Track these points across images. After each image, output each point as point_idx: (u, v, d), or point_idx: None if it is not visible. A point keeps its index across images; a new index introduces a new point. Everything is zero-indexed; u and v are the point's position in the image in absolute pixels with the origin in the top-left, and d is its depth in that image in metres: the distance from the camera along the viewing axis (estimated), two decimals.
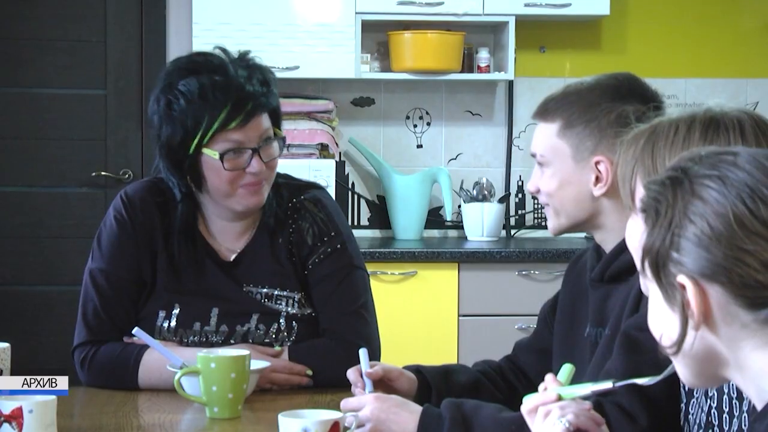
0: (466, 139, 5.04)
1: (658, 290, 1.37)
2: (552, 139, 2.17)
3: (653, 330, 1.40)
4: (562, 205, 2.18)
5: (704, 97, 4.93)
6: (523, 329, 4.34)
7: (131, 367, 2.42)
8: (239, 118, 2.36)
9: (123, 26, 4.89)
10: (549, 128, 2.18)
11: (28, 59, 4.85)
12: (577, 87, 2.21)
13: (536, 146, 2.21)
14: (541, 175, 2.20)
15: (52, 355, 4.72)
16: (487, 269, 4.43)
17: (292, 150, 4.55)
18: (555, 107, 2.18)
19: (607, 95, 2.17)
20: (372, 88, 4.98)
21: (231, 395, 2.18)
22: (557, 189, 2.17)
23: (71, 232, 4.84)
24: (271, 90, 2.43)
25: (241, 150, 2.38)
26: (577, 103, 2.17)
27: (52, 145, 4.86)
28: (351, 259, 2.53)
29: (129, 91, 4.91)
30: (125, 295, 2.50)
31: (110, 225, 2.52)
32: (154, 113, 2.44)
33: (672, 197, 1.35)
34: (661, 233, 1.35)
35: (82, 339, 2.52)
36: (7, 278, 4.86)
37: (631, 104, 2.16)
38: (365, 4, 4.61)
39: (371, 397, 2.00)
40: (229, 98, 2.35)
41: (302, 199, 2.53)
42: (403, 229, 4.83)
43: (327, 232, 2.51)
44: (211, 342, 2.47)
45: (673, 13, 5.07)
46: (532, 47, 5.01)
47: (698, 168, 1.35)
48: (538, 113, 2.21)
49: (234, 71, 2.39)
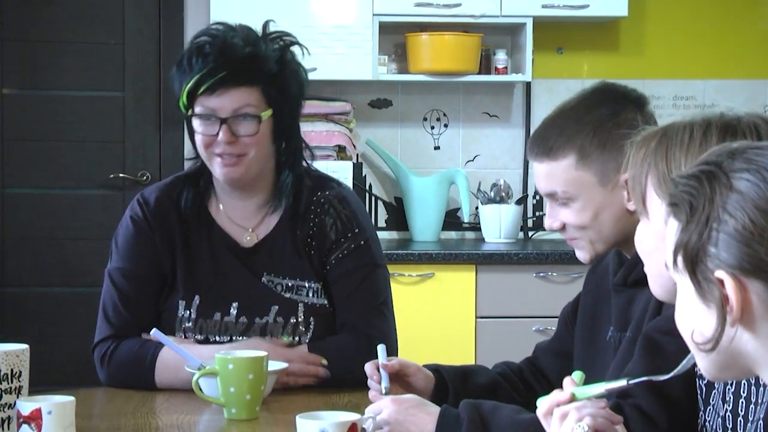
0: (483, 140, 5.04)
1: (691, 286, 1.35)
2: (571, 173, 2.12)
3: (682, 326, 1.39)
4: (601, 233, 2.13)
5: (723, 99, 4.92)
6: (540, 331, 4.34)
7: (147, 366, 2.43)
8: (207, 83, 2.38)
9: (141, 28, 4.90)
10: (562, 165, 2.12)
11: (46, 62, 4.87)
12: (569, 112, 2.16)
13: (553, 185, 2.14)
14: (565, 210, 2.15)
15: (71, 357, 4.74)
16: (504, 271, 4.42)
17: None
18: (559, 142, 2.13)
19: (603, 109, 2.14)
20: (389, 90, 4.98)
21: (249, 396, 2.18)
22: (592, 220, 2.12)
23: (89, 234, 4.86)
24: (260, 68, 2.42)
25: (210, 117, 2.41)
26: (583, 130, 2.12)
27: (71, 148, 4.88)
28: (373, 257, 2.55)
29: (147, 93, 4.92)
30: (144, 291, 2.51)
31: (126, 225, 2.55)
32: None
33: (709, 191, 1.33)
34: (697, 228, 1.33)
35: (102, 336, 2.54)
36: (26, 280, 4.88)
37: (628, 110, 2.14)
38: (383, 6, 4.61)
39: (389, 399, 1.99)
40: (207, 65, 2.38)
41: (327, 195, 2.54)
42: (420, 230, 4.83)
43: (351, 229, 2.52)
44: (231, 333, 2.49)
45: (691, 15, 5.05)
46: (550, 48, 5.00)
47: (733, 162, 1.33)
48: (542, 152, 2.15)
49: (228, 40, 2.42)
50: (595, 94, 2.18)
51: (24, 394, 2.01)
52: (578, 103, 2.17)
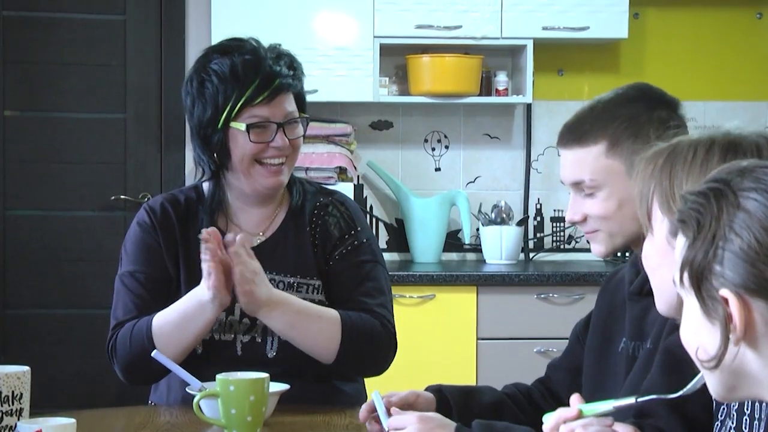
0: (484, 162, 5.04)
1: (697, 303, 1.35)
2: (601, 160, 2.13)
3: (687, 343, 1.39)
4: (621, 226, 2.14)
5: (723, 120, 4.89)
6: (542, 353, 4.33)
7: (146, 330, 2.46)
8: (265, 93, 2.49)
9: (142, 50, 4.92)
10: (593, 151, 2.14)
11: (47, 83, 4.88)
12: (605, 104, 2.18)
13: (580, 174, 2.15)
14: (589, 201, 2.15)
15: (72, 379, 4.74)
16: (505, 292, 4.42)
17: (310, 173, 4.56)
18: (593, 129, 2.14)
19: (640, 104, 2.16)
20: (390, 112, 4.99)
21: (250, 418, 2.18)
22: (616, 210, 2.13)
23: (91, 256, 4.86)
24: (297, 74, 2.57)
25: (266, 125, 2.51)
26: (618, 119, 2.14)
27: (72, 169, 4.89)
28: (375, 254, 2.64)
29: (148, 114, 4.93)
30: (154, 290, 2.55)
31: (134, 231, 2.62)
32: (187, 94, 2.57)
33: (716, 209, 1.33)
34: (704, 246, 1.33)
35: (111, 333, 2.56)
36: (27, 302, 4.87)
37: (662, 109, 2.17)
38: (383, 28, 4.63)
39: (414, 416, 1.96)
40: (258, 75, 2.50)
41: (329, 199, 2.66)
42: (421, 252, 4.83)
43: (354, 227, 2.63)
44: (235, 332, 2.53)
45: (691, 37, 5.07)
46: (551, 70, 5.01)
47: (742, 181, 1.34)
48: (573, 139, 2.16)
49: (264, 53, 2.53)
50: (630, 90, 2.20)
51: (25, 416, 2.01)
52: (614, 96, 2.20)
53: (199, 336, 2.45)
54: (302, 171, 4.53)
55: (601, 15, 4.69)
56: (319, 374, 2.54)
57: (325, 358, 2.48)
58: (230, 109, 2.49)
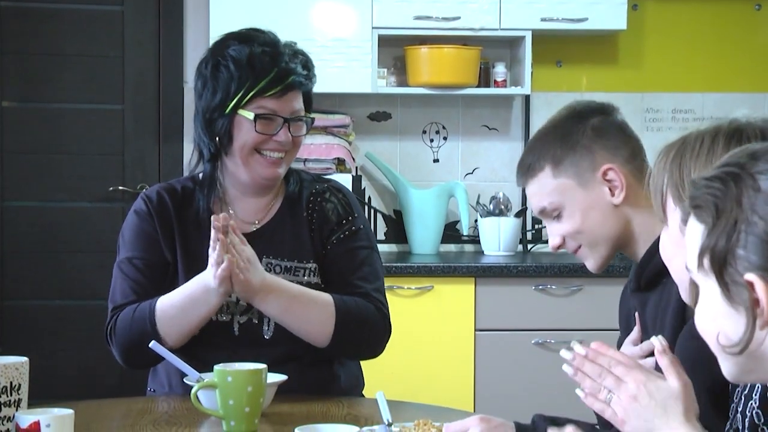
0: (482, 153, 5.04)
1: (717, 289, 1.34)
2: (551, 183, 2.23)
3: (705, 329, 1.37)
4: (594, 234, 2.22)
5: (722, 112, 4.90)
6: (540, 344, 4.34)
7: (149, 314, 2.47)
8: (278, 87, 2.53)
9: (141, 41, 4.91)
10: (541, 179, 2.25)
11: (46, 74, 4.88)
12: (540, 133, 2.30)
13: (540, 202, 2.26)
14: (558, 224, 2.25)
15: (70, 370, 4.74)
16: (503, 284, 4.42)
17: (308, 164, 4.56)
18: (535, 159, 2.26)
19: (570, 121, 2.25)
20: (388, 103, 4.99)
21: (248, 409, 2.18)
22: (582, 221, 2.22)
23: (89, 247, 4.86)
24: (310, 75, 2.62)
25: (273, 117, 2.54)
26: (554, 141, 2.24)
27: (70, 160, 4.88)
28: (371, 241, 2.68)
29: (146, 106, 4.93)
30: (152, 275, 2.57)
31: (131, 218, 2.64)
32: (200, 76, 2.60)
33: (736, 193, 1.32)
34: (725, 230, 1.32)
35: (109, 316, 2.57)
36: (25, 293, 4.87)
37: (594, 117, 2.25)
38: (382, 19, 4.62)
39: (476, 419, 1.95)
40: (274, 68, 2.53)
41: (326, 186, 2.69)
42: (419, 243, 4.83)
43: (351, 213, 2.66)
44: (232, 312, 2.54)
45: (690, 28, 5.06)
46: (549, 62, 5.01)
47: (756, 163, 1.33)
48: (522, 174, 2.29)
49: (282, 49, 2.58)
50: (559, 113, 2.30)
51: (23, 407, 2.02)
52: (547, 123, 2.31)
53: (202, 321, 2.47)
54: (300, 162, 4.53)
55: (599, 6, 4.68)
56: (316, 356, 2.55)
57: (319, 342, 2.50)
58: (241, 97, 2.52)
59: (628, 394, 1.58)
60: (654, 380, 1.58)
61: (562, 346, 2.37)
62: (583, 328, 4.28)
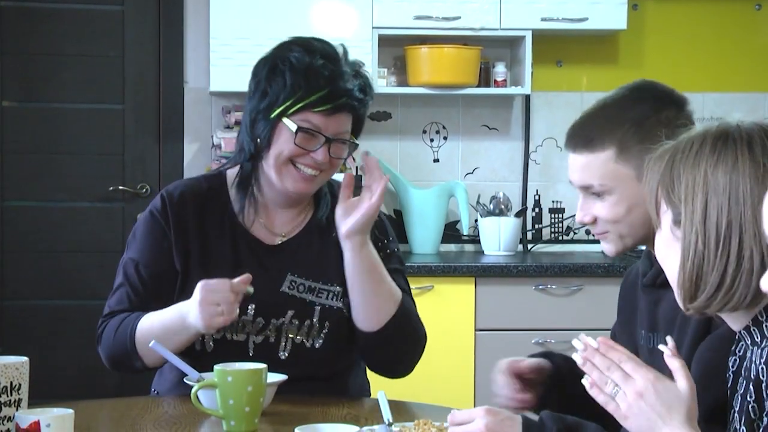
0: (482, 153, 5.04)
1: None
2: (610, 166, 2.12)
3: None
4: (632, 228, 2.14)
5: (722, 112, 4.92)
6: (540, 344, 4.34)
7: (130, 332, 2.46)
8: (328, 105, 2.46)
9: (141, 41, 4.91)
10: (601, 157, 2.13)
11: (45, 74, 4.88)
12: (612, 106, 2.17)
13: (589, 179, 2.15)
14: (599, 204, 2.15)
15: (70, 370, 4.74)
16: (503, 284, 4.42)
17: None
18: (601, 134, 2.13)
19: (648, 105, 2.14)
20: (389, 103, 4.99)
21: (248, 408, 2.18)
22: (626, 214, 2.13)
23: (88, 247, 4.86)
24: (365, 99, 2.53)
25: (316, 134, 2.48)
26: (626, 123, 2.13)
27: (70, 160, 4.88)
28: (403, 264, 2.66)
29: (147, 105, 4.93)
30: (153, 287, 2.54)
31: (146, 218, 2.59)
32: (256, 75, 2.54)
33: None
34: None
35: (100, 321, 2.57)
36: (25, 293, 4.87)
37: (669, 109, 2.15)
38: (382, 19, 4.62)
39: (482, 410, 1.95)
40: (329, 85, 2.46)
41: None
42: (419, 243, 4.83)
43: (386, 236, 2.64)
44: (248, 332, 2.51)
45: (690, 28, 5.06)
46: (549, 61, 5.01)
47: None
48: (581, 143, 2.15)
49: (343, 67, 2.51)
50: (637, 91, 2.18)
51: (23, 406, 2.01)
52: (621, 97, 2.18)
53: (179, 348, 2.42)
54: None
55: (600, 6, 4.69)
56: (331, 376, 2.54)
57: (372, 323, 2.49)
58: (289, 106, 2.46)
59: (635, 390, 1.64)
60: (663, 380, 1.64)
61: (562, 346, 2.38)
62: (583, 328, 4.24)
